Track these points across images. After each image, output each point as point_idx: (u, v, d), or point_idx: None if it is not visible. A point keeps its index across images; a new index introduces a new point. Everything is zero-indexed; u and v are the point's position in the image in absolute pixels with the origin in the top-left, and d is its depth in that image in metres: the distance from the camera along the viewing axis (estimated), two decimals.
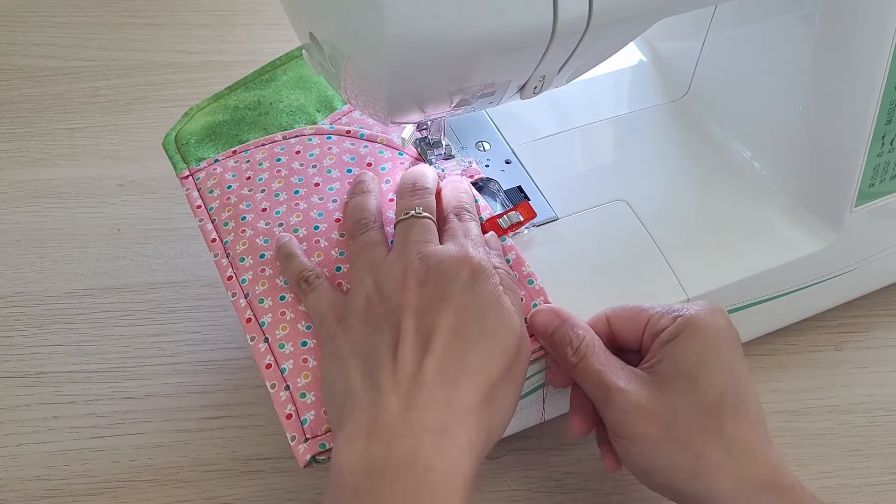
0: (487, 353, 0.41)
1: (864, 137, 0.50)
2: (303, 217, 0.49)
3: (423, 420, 0.39)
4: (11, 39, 0.77)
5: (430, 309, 0.42)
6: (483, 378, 0.41)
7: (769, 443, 0.43)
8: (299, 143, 0.52)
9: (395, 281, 0.43)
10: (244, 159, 0.52)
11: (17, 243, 0.63)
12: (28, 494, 0.51)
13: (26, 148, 0.69)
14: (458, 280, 0.42)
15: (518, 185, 0.54)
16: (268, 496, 0.51)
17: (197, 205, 0.51)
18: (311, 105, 0.55)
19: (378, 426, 0.39)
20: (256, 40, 0.60)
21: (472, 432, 0.40)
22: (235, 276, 0.48)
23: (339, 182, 0.51)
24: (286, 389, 0.44)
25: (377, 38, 0.37)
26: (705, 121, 0.58)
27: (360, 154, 0.52)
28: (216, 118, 0.54)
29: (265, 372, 0.45)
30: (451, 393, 0.40)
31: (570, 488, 0.52)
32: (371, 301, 0.44)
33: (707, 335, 0.43)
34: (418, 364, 0.41)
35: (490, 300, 0.42)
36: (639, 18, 0.43)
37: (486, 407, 0.41)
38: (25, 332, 0.58)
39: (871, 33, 0.47)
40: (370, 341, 0.42)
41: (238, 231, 0.49)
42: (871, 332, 0.59)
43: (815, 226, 0.53)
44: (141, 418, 0.54)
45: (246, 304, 0.47)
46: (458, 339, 0.41)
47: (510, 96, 0.45)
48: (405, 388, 0.40)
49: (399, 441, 0.39)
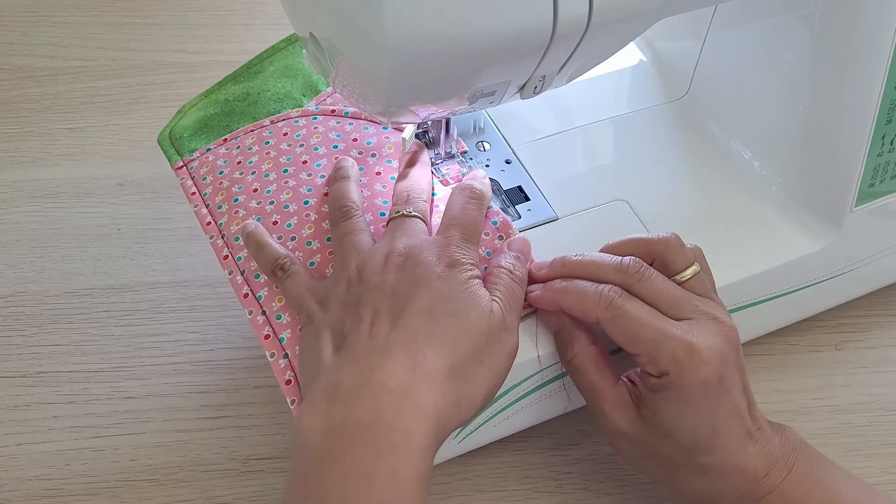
0: (456, 330, 0.42)
1: (864, 137, 0.50)
2: (293, 193, 0.50)
3: (385, 382, 0.40)
4: (11, 39, 0.77)
5: (405, 291, 0.43)
6: (450, 350, 0.42)
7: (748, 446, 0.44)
8: (286, 125, 0.54)
9: (375, 265, 0.44)
10: (234, 146, 0.53)
11: (17, 243, 0.63)
12: (28, 494, 0.51)
13: (26, 148, 0.69)
14: (435, 268, 0.43)
15: (518, 185, 0.54)
16: (268, 496, 0.51)
17: (192, 192, 0.52)
18: (297, 91, 0.56)
19: (340, 389, 0.40)
20: (256, 40, 0.60)
21: (436, 396, 0.40)
22: (231, 255, 0.49)
23: (325, 158, 0.52)
24: (285, 357, 0.46)
25: (377, 38, 0.37)
26: (705, 121, 0.58)
27: (346, 131, 0.54)
28: (207, 112, 0.56)
29: (264, 342, 0.46)
30: (416, 357, 0.41)
31: (570, 488, 0.52)
32: (351, 283, 0.44)
33: (687, 397, 0.43)
34: (386, 335, 0.41)
35: (463, 287, 0.43)
36: (639, 18, 0.43)
37: (453, 377, 0.41)
38: (25, 332, 0.58)
39: (871, 33, 0.47)
40: (346, 318, 0.43)
41: (231, 213, 0.50)
42: (871, 332, 0.59)
43: (815, 226, 0.53)
44: (141, 418, 0.54)
45: (242, 281, 0.48)
46: (429, 317, 0.42)
47: (510, 96, 0.45)
48: (370, 354, 0.41)
49: (360, 402, 0.39)
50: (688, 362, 0.42)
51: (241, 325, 0.58)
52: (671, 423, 0.43)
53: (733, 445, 0.44)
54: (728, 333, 0.44)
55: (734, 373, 0.44)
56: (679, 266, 0.46)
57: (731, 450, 0.44)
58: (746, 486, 0.44)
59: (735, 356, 0.44)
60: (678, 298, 0.44)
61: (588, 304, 0.44)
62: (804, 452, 0.45)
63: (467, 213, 0.47)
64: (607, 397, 0.45)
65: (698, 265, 0.46)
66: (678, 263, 0.46)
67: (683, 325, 0.43)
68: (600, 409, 0.45)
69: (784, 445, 0.45)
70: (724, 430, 0.43)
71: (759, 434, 0.44)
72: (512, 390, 0.48)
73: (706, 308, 0.44)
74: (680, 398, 0.43)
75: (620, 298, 0.44)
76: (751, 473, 0.44)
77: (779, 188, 0.54)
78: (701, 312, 0.44)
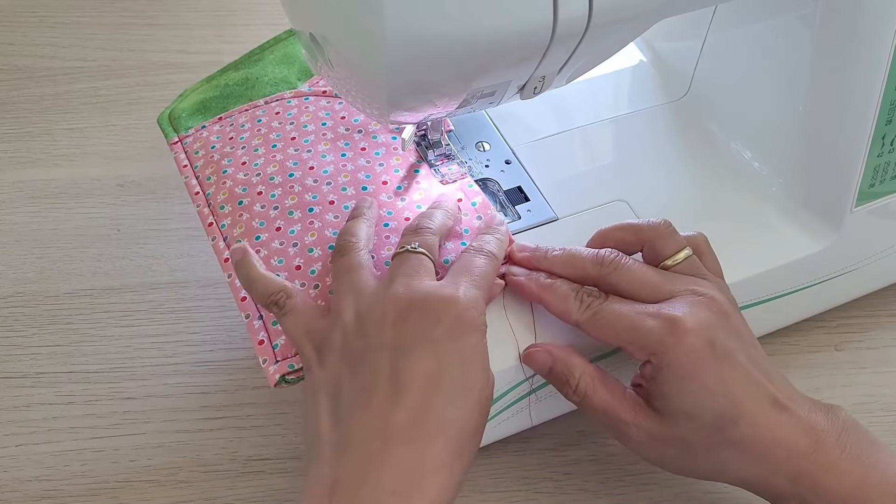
0: (467, 407, 0.40)
1: (864, 138, 0.50)
2: (279, 167, 0.51)
3: (388, 482, 0.38)
4: (11, 39, 0.77)
5: (407, 351, 0.40)
6: (458, 432, 0.40)
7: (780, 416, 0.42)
8: (279, 105, 0.55)
9: (375, 314, 0.42)
10: (228, 123, 0.55)
11: (17, 243, 0.63)
12: (28, 495, 0.51)
13: (26, 148, 0.69)
14: (441, 323, 0.41)
15: (518, 186, 0.54)
16: (268, 497, 0.51)
17: (183, 165, 0.54)
18: (293, 76, 0.57)
19: (340, 487, 0.38)
20: (256, 40, 0.60)
21: (441, 490, 0.39)
22: (216, 222, 0.50)
23: (313, 135, 0.53)
24: (259, 318, 0.46)
25: (377, 38, 0.37)
26: (705, 121, 0.58)
27: (335, 110, 0.55)
28: (207, 95, 0.57)
29: (240, 304, 0.47)
30: (423, 451, 0.39)
31: (570, 489, 0.52)
32: (349, 334, 0.42)
33: (683, 370, 0.42)
34: (388, 416, 0.39)
35: (474, 353, 0.41)
36: (639, 19, 0.43)
37: (458, 460, 0.40)
38: (25, 333, 0.58)
39: (871, 33, 0.47)
40: (344, 382, 0.41)
41: (219, 183, 0.51)
42: (871, 332, 0.59)
43: (815, 226, 0.53)
44: (141, 419, 0.54)
45: (224, 247, 0.49)
46: (436, 391, 0.40)
47: (510, 96, 0.45)
48: (372, 443, 0.39)
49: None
50: (669, 336, 0.42)
51: (241, 326, 0.58)
52: (683, 402, 0.42)
53: (759, 414, 0.42)
54: (709, 304, 0.43)
55: (730, 339, 0.43)
56: (669, 250, 0.46)
57: (759, 419, 0.42)
58: (795, 463, 0.42)
59: (725, 323, 0.43)
60: (657, 282, 0.44)
61: (569, 306, 0.45)
62: (856, 432, 0.43)
63: (477, 264, 0.45)
64: (623, 406, 0.44)
65: (690, 249, 0.46)
66: (668, 248, 0.46)
67: (660, 305, 0.43)
68: (622, 421, 0.44)
69: (832, 422, 0.43)
70: (742, 398, 0.42)
71: (790, 403, 0.43)
72: (511, 391, 0.48)
73: (688, 286, 0.44)
74: (677, 374, 0.42)
75: (598, 300, 0.44)
76: (793, 446, 0.42)
77: (779, 188, 0.54)
78: (681, 290, 0.44)
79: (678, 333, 0.42)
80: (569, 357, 0.45)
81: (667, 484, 0.51)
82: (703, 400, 0.42)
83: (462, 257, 0.46)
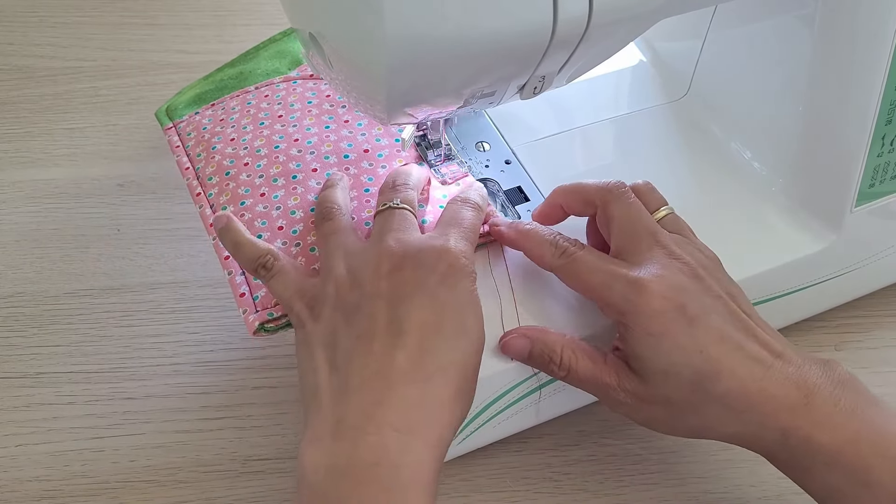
0: (465, 349, 0.41)
1: (864, 138, 0.50)
2: (265, 140, 0.53)
3: (390, 418, 0.39)
4: (11, 39, 0.77)
5: (404, 298, 0.41)
6: (458, 372, 0.41)
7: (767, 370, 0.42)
8: (269, 89, 0.57)
9: (368, 266, 0.42)
10: (220, 108, 0.57)
11: (17, 243, 0.63)
12: (27, 495, 0.51)
13: (26, 148, 0.69)
14: (435, 272, 0.42)
15: (518, 186, 0.54)
16: (268, 497, 0.51)
17: (176, 145, 0.55)
18: (284, 67, 0.59)
19: (343, 425, 0.39)
20: (256, 40, 0.60)
21: (443, 428, 0.40)
22: (203, 192, 0.52)
23: (299, 112, 0.55)
24: (242, 275, 0.48)
25: (377, 38, 0.37)
26: (705, 121, 0.58)
27: (321, 90, 0.57)
28: (203, 89, 0.59)
29: (223, 262, 0.48)
30: (424, 389, 0.40)
31: (569, 489, 0.52)
32: (342, 287, 0.43)
33: (650, 330, 0.42)
34: (389, 358, 0.40)
35: (469, 298, 0.42)
36: (638, 19, 0.43)
37: (457, 399, 0.41)
38: (25, 333, 0.58)
39: (871, 34, 0.47)
40: (340, 331, 0.41)
41: (208, 158, 0.53)
42: (871, 332, 0.59)
43: (815, 226, 0.53)
44: (141, 419, 0.54)
45: (211, 213, 0.51)
46: (435, 335, 0.41)
47: (510, 96, 0.45)
48: (374, 384, 0.39)
49: (365, 441, 0.38)
50: (637, 297, 0.42)
51: (241, 325, 0.58)
52: (658, 361, 0.42)
53: (741, 369, 0.42)
54: (682, 266, 0.44)
55: (704, 300, 0.43)
56: (651, 207, 0.47)
57: (741, 374, 0.42)
58: (785, 417, 0.41)
59: (699, 286, 0.43)
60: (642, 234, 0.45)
61: (545, 250, 0.45)
62: (853, 386, 0.42)
63: (465, 216, 0.46)
64: (606, 371, 0.44)
65: (671, 207, 0.47)
66: (650, 205, 0.47)
67: (633, 266, 0.44)
68: (607, 385, 0.44)
69: (827, 375, 0.42)
70: (719, 355, 0.42)
71: (777, 357, 0.42)
72: (511, 391, 0.48)
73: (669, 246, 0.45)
74: (649, 332, 0.42)
75: (573, 247, 0.45)
76: (782, 400, 0.41)
77: (779, 188, 0.54)
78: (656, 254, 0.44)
79: (644, 297, 0.42)
80: (545, 335, 0.45)
81: (666, 484, 0.51)
82: (678, 357, 0.42)
83: (449, 208, 0.47)
